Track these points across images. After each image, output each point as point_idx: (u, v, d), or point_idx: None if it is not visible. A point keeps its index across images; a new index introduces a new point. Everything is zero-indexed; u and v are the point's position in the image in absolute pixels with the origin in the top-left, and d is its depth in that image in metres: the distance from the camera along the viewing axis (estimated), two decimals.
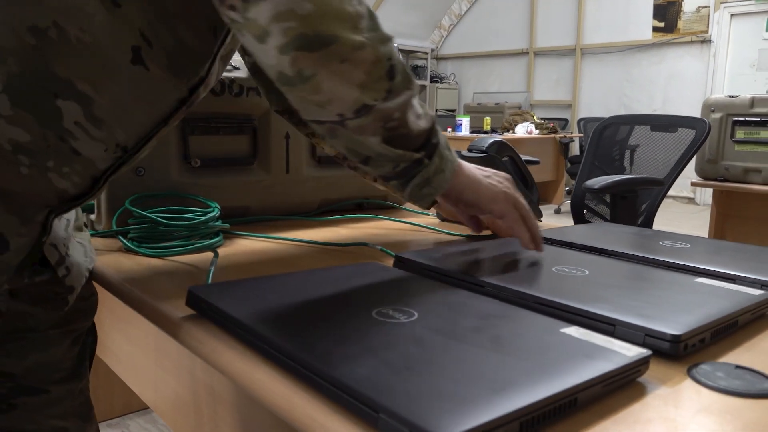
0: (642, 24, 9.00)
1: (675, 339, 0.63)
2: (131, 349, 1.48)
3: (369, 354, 0.55)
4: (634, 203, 2.21)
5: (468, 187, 0.92)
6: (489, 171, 0.98)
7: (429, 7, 11.00)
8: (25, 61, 0.63)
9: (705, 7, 8.39)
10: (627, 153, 3.06)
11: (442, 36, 11.76)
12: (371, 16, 0.74)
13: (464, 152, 1.34)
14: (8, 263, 0.68)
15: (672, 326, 0.64)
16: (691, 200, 8.65)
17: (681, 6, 8.58)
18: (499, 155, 1.30)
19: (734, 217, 3.06)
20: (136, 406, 2.33)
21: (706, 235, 3.35)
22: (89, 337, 0.92)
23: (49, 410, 0.83)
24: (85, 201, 0.75)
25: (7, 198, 0.66)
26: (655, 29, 8.87)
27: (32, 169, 0.66)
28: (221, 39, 0.78)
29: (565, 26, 9.97)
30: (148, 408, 2.30)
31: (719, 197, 3.09)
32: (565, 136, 8.05)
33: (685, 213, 7.77)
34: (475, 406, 0.46)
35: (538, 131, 7.86)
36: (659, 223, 6.76)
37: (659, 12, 8.80)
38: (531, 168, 3.26)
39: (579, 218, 2.75)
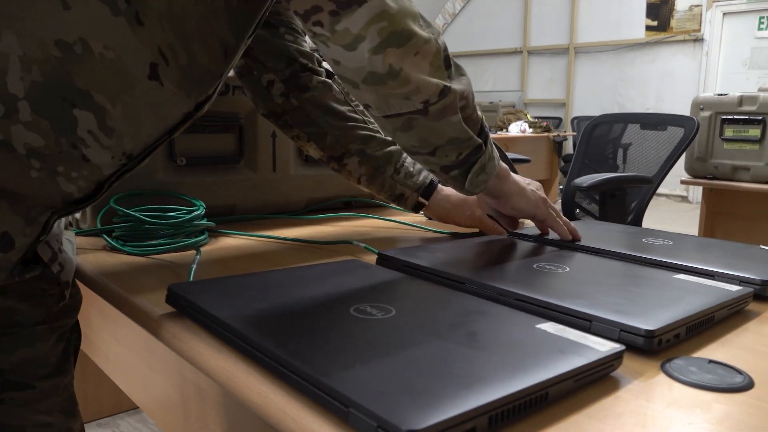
0: (635, 23, 9.02)
1: (649, 334, 0.63)
2: (120, 348, 1.48)
3: (343, 350, 0.56)
4: (623, 201, 2.21)
5: (517, 193, 1.08)
6: (526, 180, 1.13)
7: (423, 6, 11.00)
8: (48, 72, 0.65)
9: (697, 5, 8.41)
10: (620, 151, 3.07)
11: None
12: (422, 15, 0.85)
13: None
14: (10, 261, 0.69)
15: (646, 322, 0.65)
16: (684, 198, 8.67)
17: (674, 5, 8.60)
18: None
19: (723, 215, 3.07)
20: (126, 406, 2.33)
21: (696, 233, 3.36)
22: (73, 334, 0.93)
23: (36, 405, 0.84)
24: (88, 205, 0.77)
25: (15, 199, 0.67)
26: (648, 28, 8.88)
27: (42, 173, 0.68)
28: (231, 61, 0.81)
29: (559, 25, 9.98)
30: (138, 407, 2.30)
31: (708, 195, 3.10)
32: (558, 135, 8.05)
33: (679, 211, 7.79)
34: (445, 400, 0.46)
35: (531, 130, 7.85)
36: (652, 221, 6.77)
37: (652, 11, 8.81)
38: (522, 166, 3.26)
39: (570, 216, 2.76)
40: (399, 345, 0.57)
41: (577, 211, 2.84)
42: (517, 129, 7.83)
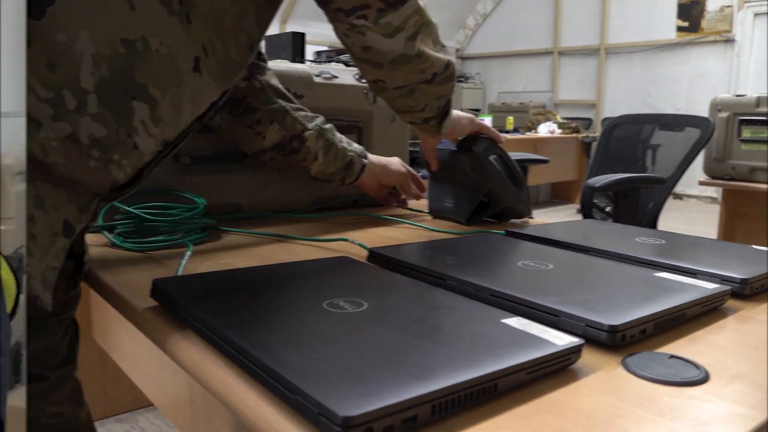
0: (666, 23, 8.93)
1: (612, 329, 0.64)
2: (134, 345, 1.52)
3: (304, 341, 0.58)
4: (636, 201, 2.20)
5: (455, 124, 1.30)
6: (460, 113, 1.34)
7: (454, 6, 10.98)
8: (114, 67, 0.73)
9: (728, 6, 8.30)
10: (649, 152, 3.05)
11: (467, 36, 11.75)
12: None
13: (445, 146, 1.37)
14: (65, 248, 0.75)
15: (611, 317, 0.66)
16: (714, 200, 8.55)
17: (704, 5, 8.50)
18: (486, 154, 1.32)
19: (742, 216, 3.04)
20: (144, 402, 2.36)
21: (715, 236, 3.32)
22: (73, 326, 0.96)
23: (49, 396, 0.87)
24: (129, 191, 0.85)
25: (72, 187, 0.74)
26: (679, 29, 8.79)
27: (99, 162, 0.75)
28: (254, 53, 0.91)
29: (590, 26, 9.91)
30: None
31: (727, 196, 3.08)
32: (587, 136, 8.02)
33: (708, 213, 7.68)
34: (388, 389, 0.48)
35: (560, 131, 7.83)
36: (677, 223, 6.70)
37: (683, 11, 8.72)
38: (542, 167, 3.27)
39: (588, 217, 2.75)
40: (359, 337, 0.59)
41: (601, 212, 2.83)
42: (546, 129, 7.82)
